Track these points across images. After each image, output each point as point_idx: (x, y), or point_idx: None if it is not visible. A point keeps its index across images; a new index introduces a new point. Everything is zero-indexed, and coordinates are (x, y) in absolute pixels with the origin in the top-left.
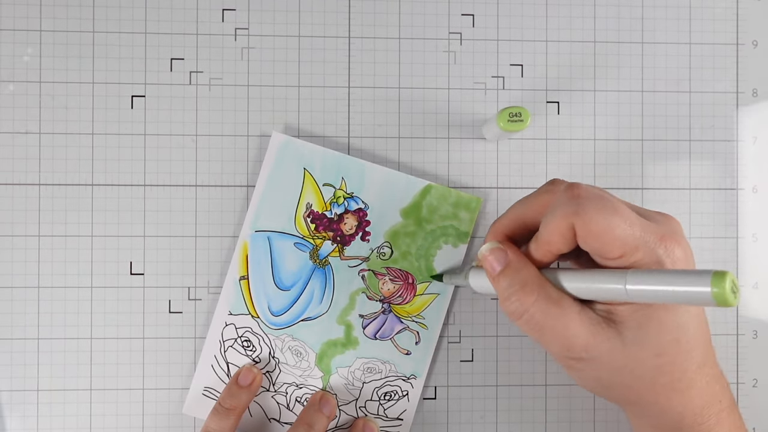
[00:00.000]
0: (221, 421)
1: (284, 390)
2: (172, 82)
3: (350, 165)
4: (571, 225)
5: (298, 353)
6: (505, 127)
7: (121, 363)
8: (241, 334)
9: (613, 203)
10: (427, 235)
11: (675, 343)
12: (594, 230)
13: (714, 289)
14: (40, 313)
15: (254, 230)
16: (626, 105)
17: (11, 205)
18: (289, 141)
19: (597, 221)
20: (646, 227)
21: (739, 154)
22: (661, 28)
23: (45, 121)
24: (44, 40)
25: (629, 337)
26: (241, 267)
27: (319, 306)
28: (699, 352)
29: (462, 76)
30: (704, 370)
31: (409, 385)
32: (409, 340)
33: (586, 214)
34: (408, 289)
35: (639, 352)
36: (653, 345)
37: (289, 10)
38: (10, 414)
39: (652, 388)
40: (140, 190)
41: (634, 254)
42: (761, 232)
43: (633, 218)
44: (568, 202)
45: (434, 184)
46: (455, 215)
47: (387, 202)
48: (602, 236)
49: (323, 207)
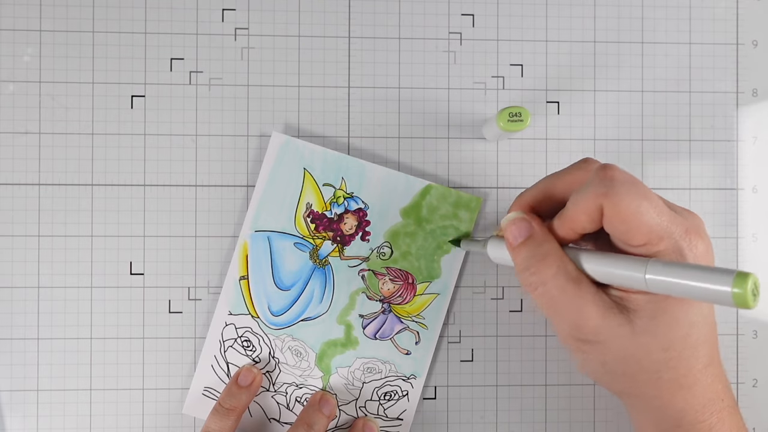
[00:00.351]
0: (221, 421)
1: (284, 390)
2: (172, 82)
3: (350, 165)
4: (599, 205)
5: (298, 353)
6: (505, 127)
7: (121, 363)
8: (241, 334)
9: (645, 189)
10: (427, 235)
11: (684, 339)
12: (623, 214)
13: (735, 289)
14: (40, 313)
15: (254, 230)
16: (626, 105)
17: (11, 205)
18: (290, 141)
19: (627, 205)
20: (672, 218)
21: (739, 154)
22: (661, 28)
23: (45, 121)
24: (44, 40)
25: (640, 326)
26: (241, 267)
27: (319, 306)
28: (706, 351)
29: (462, 76)
30: (709, 369)
31: (409, 385)
32: (409, 340)
33: (617, 196)
34: (408, 289)
35: (648, 343)
36: (663, 338)
37: (289, 10)
38: (10, 414)
39: (657, 382)
40: (140, 190)
41: (658, 244)
42: (761, 232)
43: (662, 207)
44: (600, 182)
45: (434, 184)
46: (455, 215)
47: (387, 202)
48: (630, 221)
49: (323, 207)
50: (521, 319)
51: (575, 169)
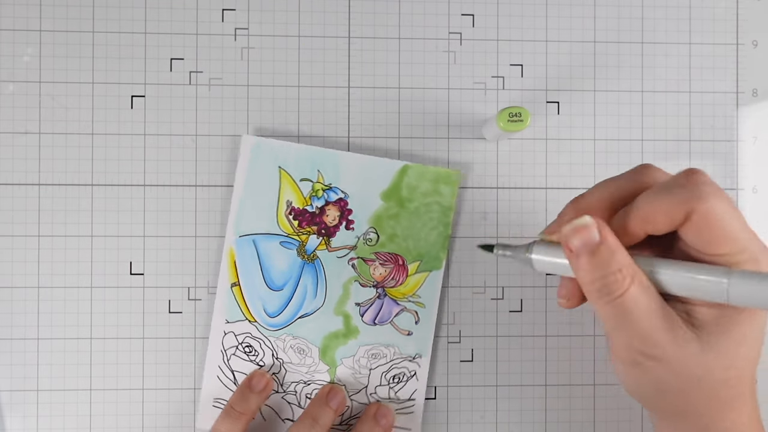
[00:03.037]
0: (232, 424)
1: (293, 389)
2: (172, 82)
3: (324, 157)
4: (686, 209)
5: (300, 351)
6: (505, 127)
7: (121, 363)
8: (241, 341)
9: (730, 199)
10: (411, 215)
11: (746, 358)
12: (712, 220)
13: None
14: (40, 313)
15: (238, 235)
16: (626, 105)
17: (11, 205)
18: (261, 142)
19: (718, 212)
20: (752, 231)
21: (739, 154)
22: (661, 28)
23: (45, 121)
24: (44, 40)
25: (708, 343)
26: (230, 274)
27: (314, 301)
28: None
29: (462, 76)
30: (754, 386)
31: (416, 364)
32: (409, 321)
33: (708, 202)
34: (400, 270)
35: (713, 360)
36: (728, 356)
37: (289, 10)
38: (10, 414)
39: (711, 401)
40: (140, 190)
41: (739, 254)
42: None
43: (745, 220)
44: (689, 186)
45: (410, 164)
46: (436, 191)
47: (366, 188)
48: (717, 229)
49: (303, 202)
50: (521, 319)
51: (638, 174)
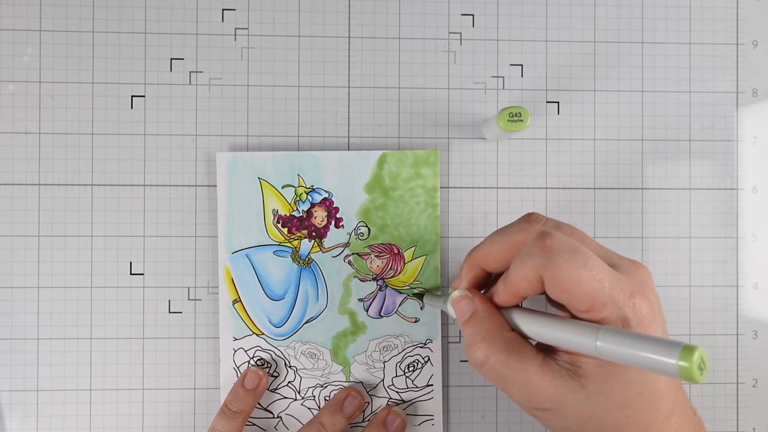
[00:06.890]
0: (228, 423)
1: (311, 394)
2: (172, 82)
3: (302, 160)
4: (539, 276)
5: (312, 355)
6: (505, 127)
7: (121, 363)
8: (252, 356)
9: (584, 256)
10: (398, 203)
11: (641, 396)
12: (563, 284)
13: (681, 362)
14: (40, 313)
15: (231, 252)
16: (626, 105)
17: (11, 205)
18: (236, 156)
19: (565, 276)
20: (615, 282)
21: (739, 154)
22: (661, 28)
23: (45, 121)
24: (44, 40)
25: (593, 391)
26: (230, 291)
27: (317, 304)
28: (666, 402)
29: (462, 76)
30: (672, 419)
31: (428, 350)
32: (414, 308)
33: (555, 268)
34: (396, 259)
35: (604, 404)
36: (618, 398)
37: (289, 10)
38: (10, 414)
39: None
40: (140, 190)
41: (601, 310)
42: (761, 232)
43: (603, 273)
44: (538, 253)
45: (388, 151)
46: (418, 174)
47: (348, 183)
48: (570, 290)
49: (289, 208)
50: None
51: (518, 230)
